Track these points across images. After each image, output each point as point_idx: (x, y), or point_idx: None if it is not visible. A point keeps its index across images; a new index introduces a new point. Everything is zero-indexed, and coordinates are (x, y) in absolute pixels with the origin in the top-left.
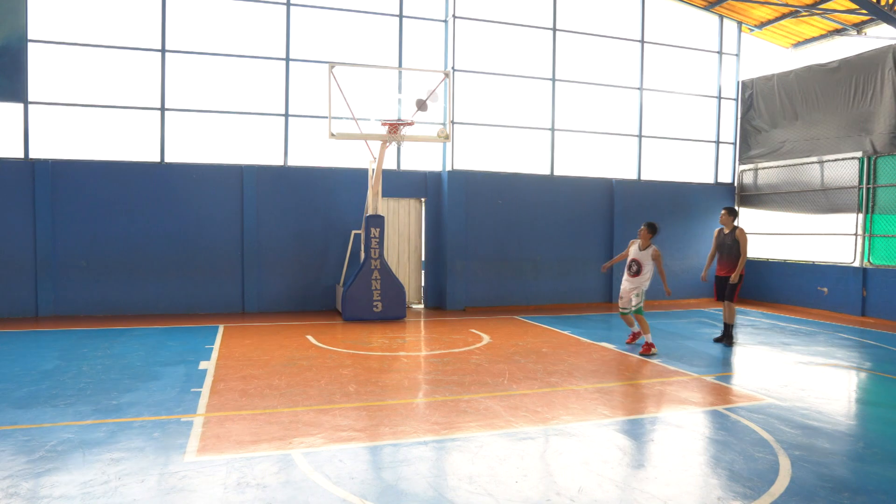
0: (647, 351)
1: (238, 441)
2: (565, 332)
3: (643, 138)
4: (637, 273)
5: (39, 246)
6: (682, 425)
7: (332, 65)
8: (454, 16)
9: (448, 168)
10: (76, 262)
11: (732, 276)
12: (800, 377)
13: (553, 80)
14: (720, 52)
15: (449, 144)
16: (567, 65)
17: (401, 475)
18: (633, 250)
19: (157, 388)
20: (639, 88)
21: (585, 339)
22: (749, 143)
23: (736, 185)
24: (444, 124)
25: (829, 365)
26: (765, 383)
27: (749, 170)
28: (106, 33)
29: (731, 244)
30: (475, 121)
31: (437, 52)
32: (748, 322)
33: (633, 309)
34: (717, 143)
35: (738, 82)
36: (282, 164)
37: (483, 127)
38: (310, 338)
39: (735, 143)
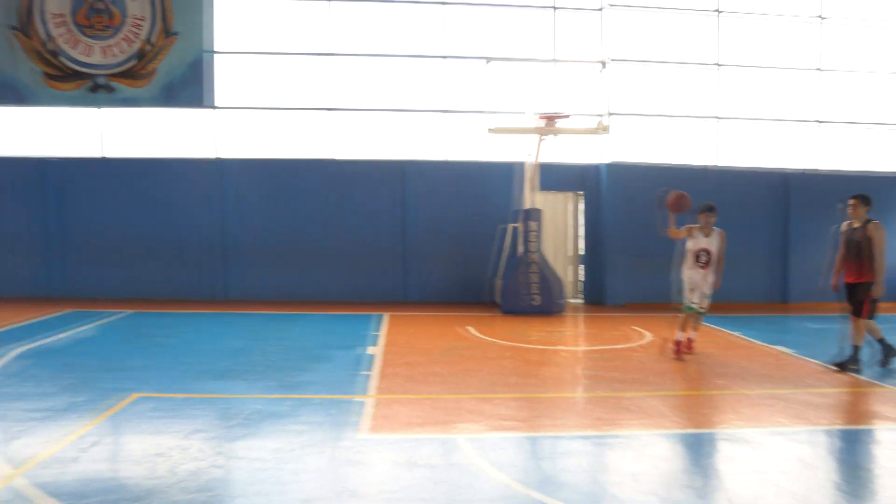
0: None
1: (406, 423)
2: (734, 333)
3: (822, 124)
4: (707, 263)
5: (228, 236)
6: (881, 441)
7: (488, 60)
8: (610, 4)
9: (606, 161)
10: (257, 251)
11: (875, 288)
12: None
13: (717, 65)
14: None
15: (608, 136)
16: (732, 48)
17: (562, 466)
18: (701, 238)
19: (331, 370)
20: (819, 70)
21: (757, 342)
22: None
23: None
24: (601, 116)
25: None
26: None
27: None
28: (282, 41)
29: (861, 241)
30: (634, 111)
31: (592, 43)
32: None
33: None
34: None
35: None
36: (441, 159)
37: (642, 117)
38: (470, 328)
39: None
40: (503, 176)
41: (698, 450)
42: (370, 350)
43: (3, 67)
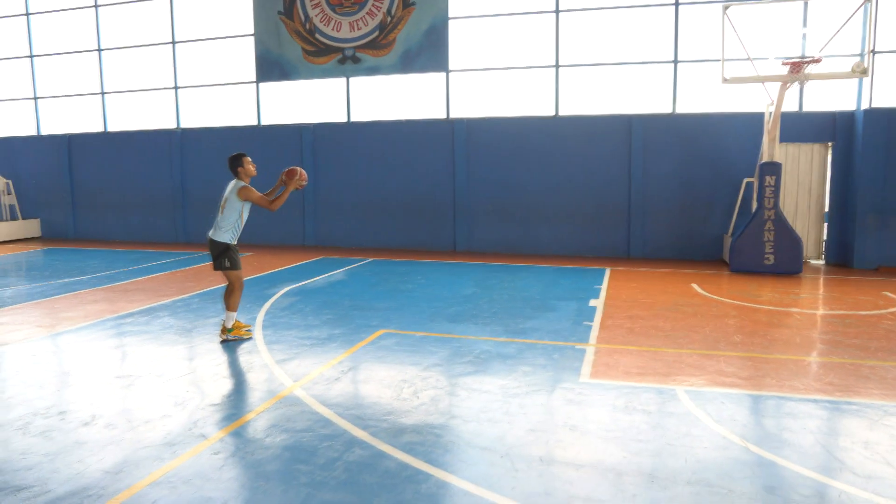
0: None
1: (626, 371)
2: None
3: None
4: None
5: (458, 192)
6: None
7: (726, 5)
8: None
9: (864, 106)
10: (485, 207)
11: None
12: None
13: None
14: None
15: (867, 80)
16: None
17: (785, 426)
18: None
19: (554, 319)
20: None
21: None
22: None
23: None
24: (861, 56)
25: None
26: None
27: None
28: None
29: None
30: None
31: None
32: None
33: None
34: None
35: None
36: (670, 112)
37: None
38: (694, 286)
39: None
40: (743, 128)
41: None
42: (592, 302)
43: (272, 48)
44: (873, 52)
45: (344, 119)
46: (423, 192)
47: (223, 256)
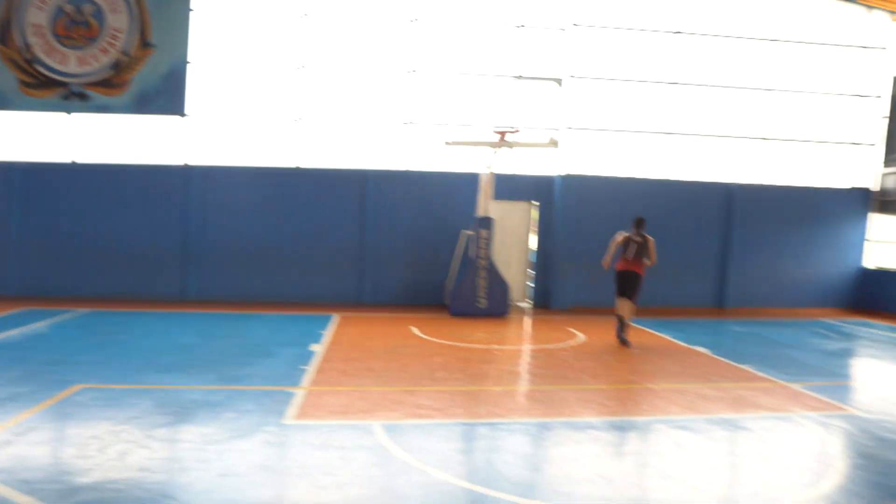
0: None
1: (330, 411)
2: (663, 335)
3: (767, 141)
4: None
5: (191, 239)
6: (750, 428)
7: (451, 76)
8: (573, 24)
9: (562, 172)
10: (218, 255)
11: None
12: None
13: (672, 83)
14: (865, 48)
15: (565, 149)
16: (688, 67)
17: (460, 448)
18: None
19: (272, 364)
20: (768, 90)
21: (681, 343)
22: (894, 145)
23: (874, 190)
24: (556, 130)
25: None
26: (858, 395)
27: (892, 174)
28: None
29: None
30: (588, 126)
31: (551, 60)
32: (868, 335)
33: None
34: (854, 144)
35: (888, 79)
36: (401, 168)
37: (599, 132)
38: (414, 329)
39: (873, 146)
40: (463, 186)
41: (589, 435)
42: (313, 347)
43: None
44: (569, 128)
45: (67, 160)
46: (152, 239)
47: None
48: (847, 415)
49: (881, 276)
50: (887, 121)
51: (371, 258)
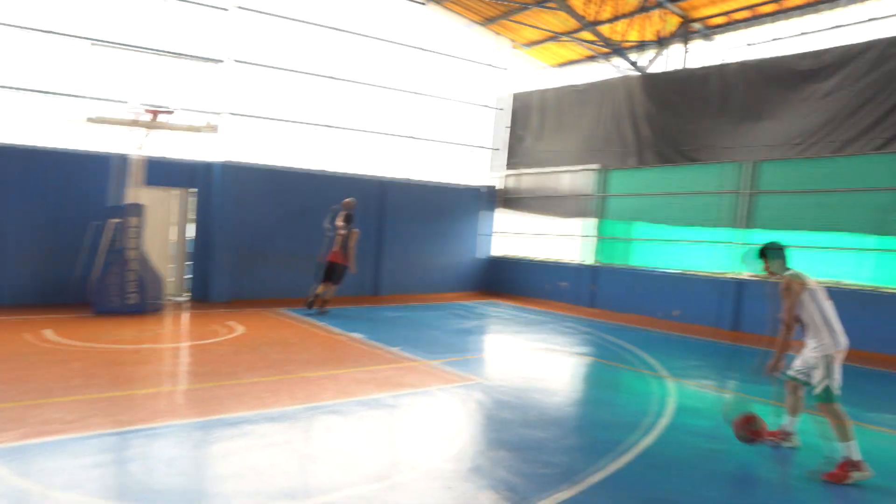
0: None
1: None
2: (322, 325)
3: (414, 140)
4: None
5: None
6: (395, 405)
7: (93, 42)
8: (238, 6)
9: (221, 159)
10: None
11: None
12: (516, 361)
13: (331, 77)
14: (491, 66)
15: (225, 135)
16: (346, 64)
17: (96, 462)
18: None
19: None
20: (415, 93)
21: (338, 330)
22: (513, 151)
23: (498, 188)
24: (217, 114)
25: (545, 350)
26: (485, 367)
27: (510, 175)
28: None
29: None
30: (252, 113)
31: (214, 41)
32: (494, 313)
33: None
34: (482, 149)
35: (510, 94)
36: (28, 144)
37: (260, 120)
38: (48, 331)
39: (498, 150)
40: (110, 169)
41: (238, 430)
42: None
43: None
44: (230, 113)
45: None
46: None
47: None
48: (475, 384)
49: (504, 262)
50: (509, 130)
51: None
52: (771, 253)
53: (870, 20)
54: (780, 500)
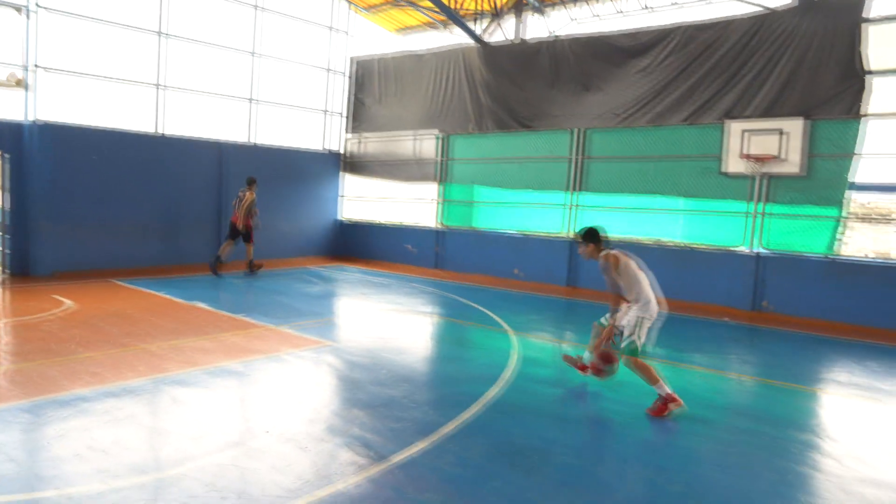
0: (664, 410)
1: None
2: (160, 294)
3: (255, 103)
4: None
5: None
6: (244, 372)
7: None
8: None
9: (36, 120)
10: None
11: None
12: (365, 322)
13: (160, 33)
14: (332, 28)
15: (39, 94)
16: (177, 21)
17: None
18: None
19: None
20: (252, 53)
21: (179, 300)
22: (357, 116)
23: (343, 153)
24: (25, 67)
25: (394, 310)
26: (334, 330)
27: (355, 140)
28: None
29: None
30: (69, 69)
31: None
32: (343, 277)
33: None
34: (328, 113)
35: (349, 59)
36: None
37: (78, 77)
38: None
39: (344, 115)
40: None
41: (78, 408)
42: None
43: None
44: (37, 66)
45: None
46: None
47: None
48: (326, 347)
49: (354, 227)
50: (352, 95)
51: None
52: (588, 236)
53: (673, 4)
54: (615, 433)
